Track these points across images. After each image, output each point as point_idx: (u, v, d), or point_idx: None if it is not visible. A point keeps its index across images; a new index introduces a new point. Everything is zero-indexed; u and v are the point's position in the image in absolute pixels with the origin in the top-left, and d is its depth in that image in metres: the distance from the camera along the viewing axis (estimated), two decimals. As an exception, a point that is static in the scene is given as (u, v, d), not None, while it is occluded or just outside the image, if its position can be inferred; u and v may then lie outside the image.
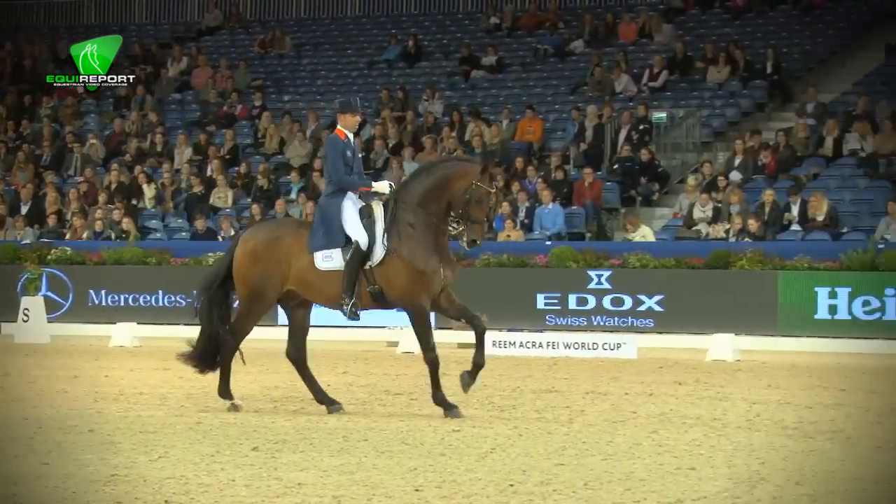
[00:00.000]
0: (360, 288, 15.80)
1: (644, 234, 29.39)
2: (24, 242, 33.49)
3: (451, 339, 23.21)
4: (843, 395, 18.67)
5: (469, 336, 17.02)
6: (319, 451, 13.48)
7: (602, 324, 26.91)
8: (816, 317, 26.39)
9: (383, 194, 16.03)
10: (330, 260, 15.76)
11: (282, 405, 17.33)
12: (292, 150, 36.60)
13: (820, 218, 28.93)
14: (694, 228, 29.56)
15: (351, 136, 16.35)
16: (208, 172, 36.09)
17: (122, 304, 31.41)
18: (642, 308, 26.92)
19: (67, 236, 34.05)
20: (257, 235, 16.75)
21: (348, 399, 17.57)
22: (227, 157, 36.92)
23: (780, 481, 11.55)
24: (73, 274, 31.80)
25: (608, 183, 32.13)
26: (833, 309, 26.31)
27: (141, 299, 31.34)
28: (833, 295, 26.29)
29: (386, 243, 15.63)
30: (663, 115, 34.51)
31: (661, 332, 25.93)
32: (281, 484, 11.57)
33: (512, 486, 11.47)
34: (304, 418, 15.96)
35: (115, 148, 38.98)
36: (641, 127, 33.75)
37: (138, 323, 28.73)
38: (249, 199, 34.55)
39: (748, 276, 26.37)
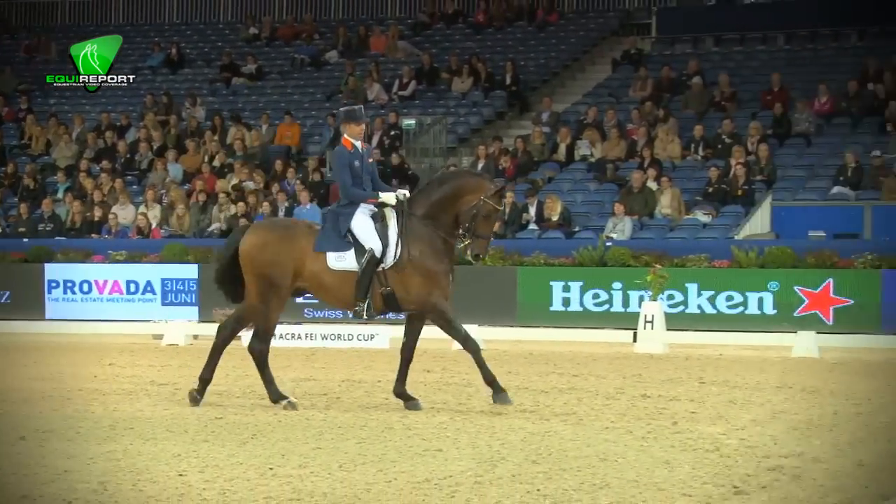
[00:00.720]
0: (373, 290, 15.22)
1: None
2: None
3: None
4: (575, 380, 18.97)
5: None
6: (87, 439, 13.20)
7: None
8: (552, 309, 26.80)
9: (390, 205, 15.29)
10: (343, 260, 15.13)
11: (49, 395, 16.71)
12: (59, 151, 35.92)
13: (555, 218, 29.46)
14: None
15: (358, 144, 15.43)
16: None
17: None
18: (393, 301, 26.92)
19: None
20: (268, 228, 16.33)
21: (115, 389, 17.27)
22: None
23: (518, 460, 11.72)
24: None
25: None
26: (567, 301, 26.75)
27: None
28: (567, 289, 26.73)
29: (399, 247, 15.08)
30: (412, 122, 34.69)
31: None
32: (48, 472, 11.30)
33: (271, 469, 11.37)
34: (72, 408, 15.59)
35: None
36: (392, 133, 33.88)
37: None
38: (16, 199, 33.85)
39: (490, 272, 26.58)
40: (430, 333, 24.12)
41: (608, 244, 27.80)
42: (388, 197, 15.26)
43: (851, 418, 14.72)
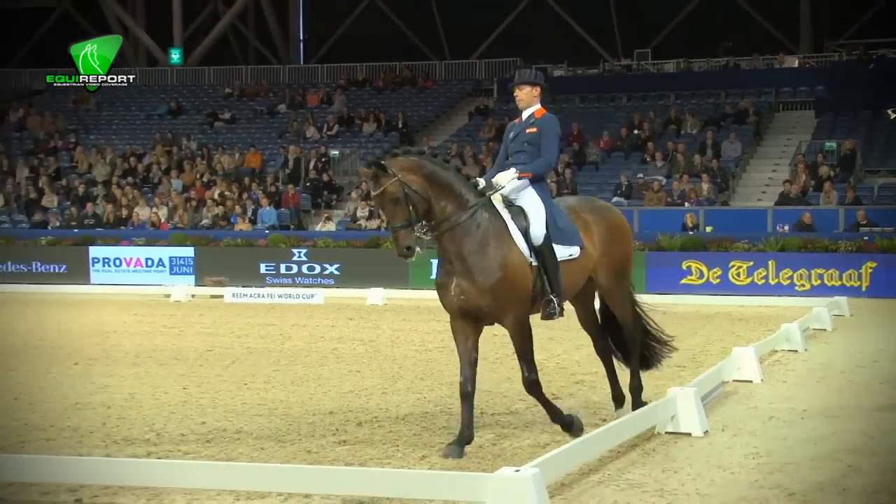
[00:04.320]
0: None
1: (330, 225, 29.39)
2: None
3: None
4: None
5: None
6: (119, 364, 12.97)
7: (301, 282, 26.67)
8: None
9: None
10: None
11: (93, 333, 16.41)
12: (97, 170, 35.11)
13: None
14: (357, 223, 29.64)
15: (524, 114, 8.76)
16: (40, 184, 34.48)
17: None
18: (326, 272, 26.81)
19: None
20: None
21: (138, 330, 17.01)
22: (53, 174, 35.32)
23: (411, 378, 11.70)
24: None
25: (304, 195, 31.90)
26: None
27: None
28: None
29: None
30: (336, 152, 34.45)
31: (338, 288, 25.78)
32: (93, 386, 11.15)
33: (245, 384, 11.30)
34: (109, 343, 15.17)
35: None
36: (324, 159, 33.56)
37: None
38: (69, 202, 33.33)
39: (389, 253, 26.45)
40: (338, 294, 23.94)
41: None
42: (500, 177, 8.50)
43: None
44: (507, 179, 8.37)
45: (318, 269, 26.90)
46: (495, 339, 11.86)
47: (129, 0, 45.98)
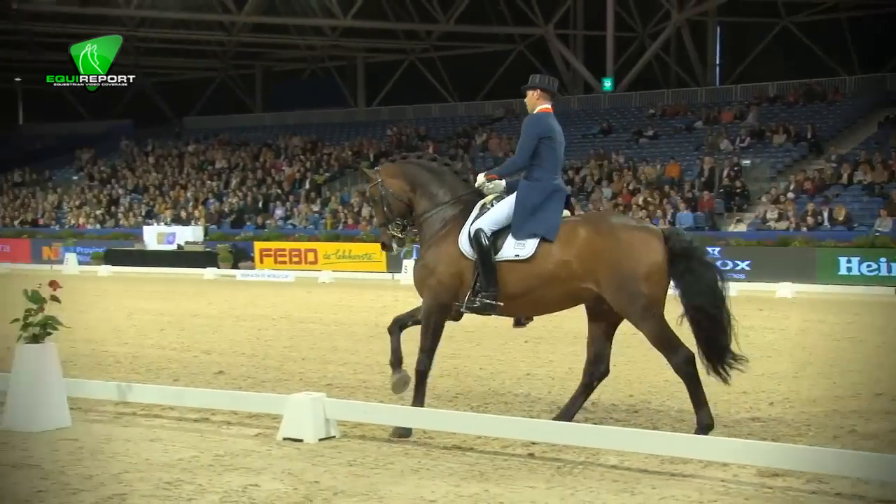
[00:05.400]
0: None
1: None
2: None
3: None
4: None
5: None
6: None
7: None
8: (839, 273, 25.17)
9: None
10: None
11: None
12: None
13: (840, 218, 27.51)
14: (767, 224, 28.37)
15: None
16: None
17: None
18: (738, 268, 25.92)
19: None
20: None
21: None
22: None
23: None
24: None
25: (717, 200, 31.01)
26: (849, 269, 25.10)
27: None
28: (849, 262, 25.11)
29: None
30: (748, 161, 33.13)
31: (749, 282, 24.78)
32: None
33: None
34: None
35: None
36: (735, 168, 32.39)
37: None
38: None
39: (797, 251, 25.01)
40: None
41: (876, 234, 25.83)
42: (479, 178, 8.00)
43: None
44: (480, 182, 7.77)
45: (730, 265, 26.03)
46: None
47: (571, 39, 47.39)
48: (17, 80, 60.27)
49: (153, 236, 34.99)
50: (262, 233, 35.51)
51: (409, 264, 28.33)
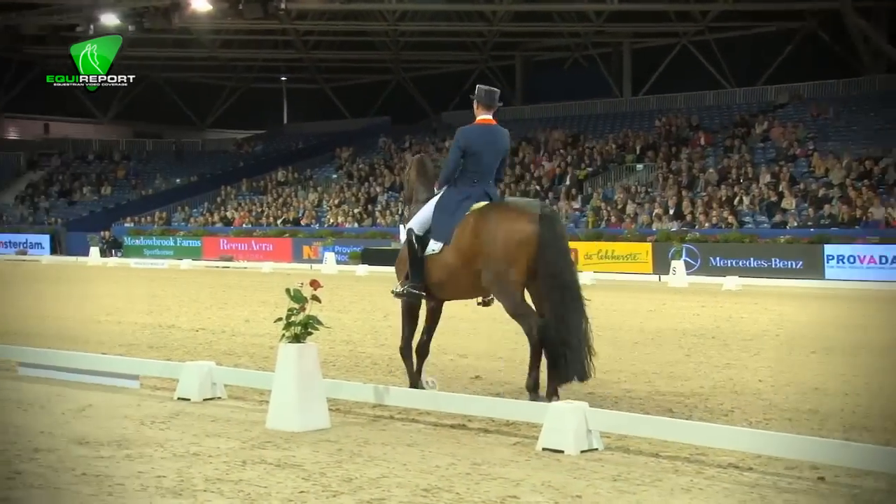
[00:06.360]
0: None
1: None
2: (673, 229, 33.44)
3: None
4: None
5: None
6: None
7: None
8: None
9: None
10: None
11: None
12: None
13: None
14: None
15: None
16: (780, 188, 34.62)
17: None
18: None
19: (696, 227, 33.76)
20: None
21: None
22: (791, 179, 35.20)
23: None
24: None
25: None
26: None
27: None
28: None
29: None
30: None
31: None
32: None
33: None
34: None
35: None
36: None
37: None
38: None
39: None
40: None
41: None
42: None
43: None
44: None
45: None
46: None
47: (873, 13, 43.87)
48: (283, 79, 64.64)
49: (409, 235, 36.29)
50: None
51: (677, 265, 27.82)
